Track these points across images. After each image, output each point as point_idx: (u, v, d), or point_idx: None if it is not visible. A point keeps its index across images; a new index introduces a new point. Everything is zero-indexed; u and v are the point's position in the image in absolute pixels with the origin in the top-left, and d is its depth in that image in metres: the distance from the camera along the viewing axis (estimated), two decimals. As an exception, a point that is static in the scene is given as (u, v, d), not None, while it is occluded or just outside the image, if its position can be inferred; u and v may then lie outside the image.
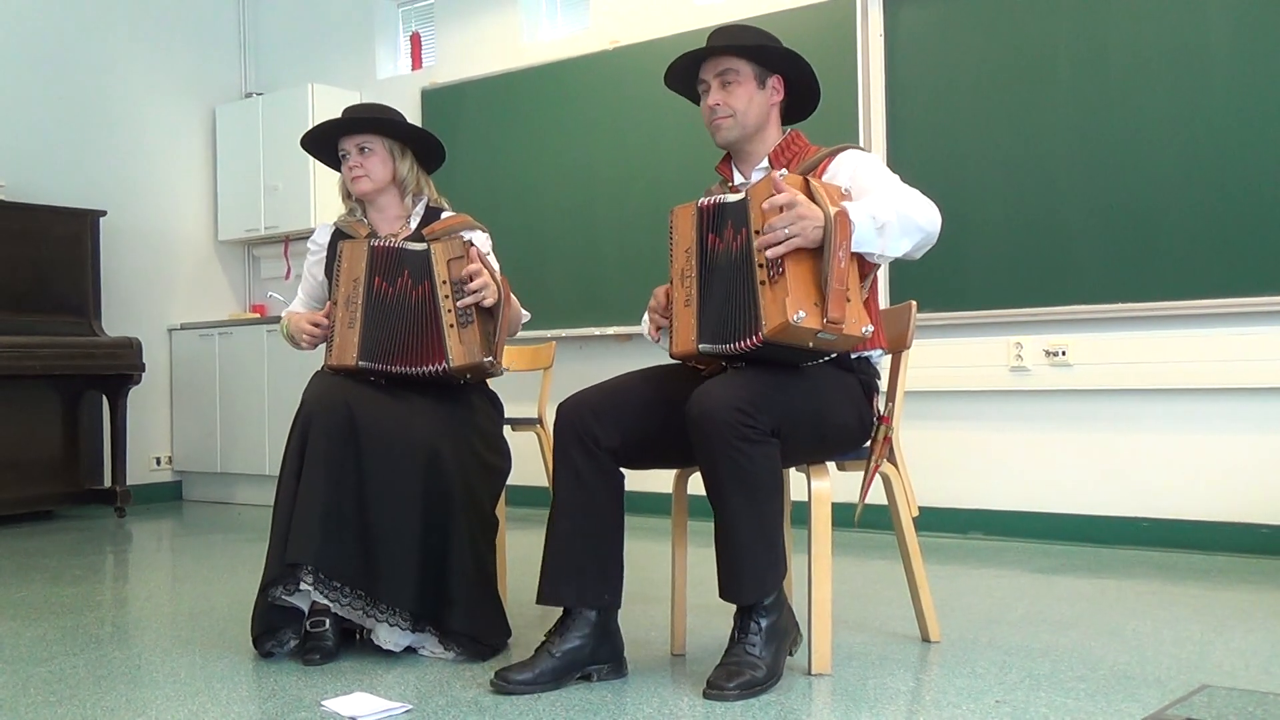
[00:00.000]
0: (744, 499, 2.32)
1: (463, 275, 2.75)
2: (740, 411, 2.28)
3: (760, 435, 2.30)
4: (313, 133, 3.03)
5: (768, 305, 2.27)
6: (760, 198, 2.32)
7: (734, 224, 2.37)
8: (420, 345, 2.76)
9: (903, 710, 2.26)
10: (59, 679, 2.59)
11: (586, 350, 5.58)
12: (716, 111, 2.60)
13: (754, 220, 2.32)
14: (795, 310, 2.22)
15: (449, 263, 2.78)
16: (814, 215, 2.26)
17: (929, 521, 4.43)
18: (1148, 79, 4.16)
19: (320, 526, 2.59)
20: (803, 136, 2.67)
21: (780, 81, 2.63)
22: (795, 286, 2.25)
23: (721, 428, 2.28)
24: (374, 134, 2.97)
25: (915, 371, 3.78)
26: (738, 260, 2.35)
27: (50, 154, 6.11)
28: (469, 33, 6.16)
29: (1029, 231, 4.38)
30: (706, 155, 2.80)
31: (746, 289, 2.32)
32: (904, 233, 2.37)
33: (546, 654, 2.41)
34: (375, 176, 2.98)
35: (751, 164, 2.65)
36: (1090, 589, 3.47)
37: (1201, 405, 4.13)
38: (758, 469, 2.31)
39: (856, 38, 4.73)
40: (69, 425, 5.88)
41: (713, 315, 2.39)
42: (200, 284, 6.83)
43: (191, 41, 6.79)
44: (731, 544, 2.35)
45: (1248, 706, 2.21)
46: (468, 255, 2.78)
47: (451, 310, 2.75)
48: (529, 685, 2.36)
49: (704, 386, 2.35)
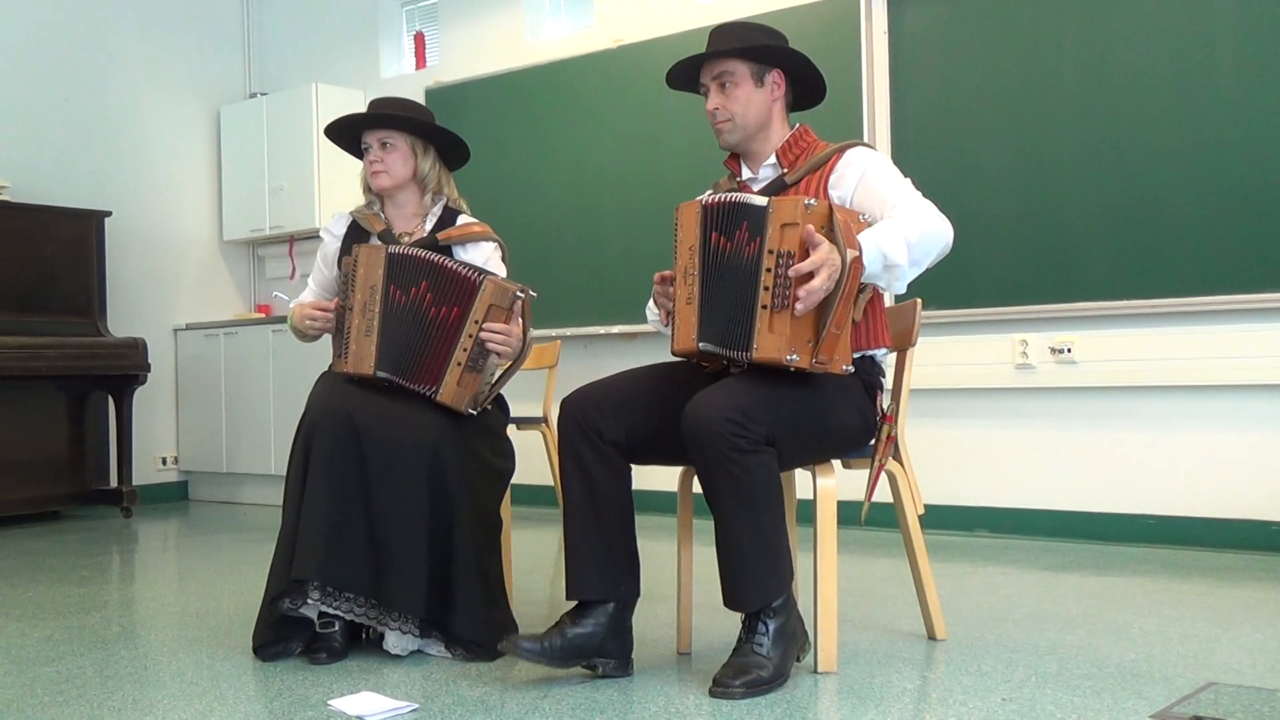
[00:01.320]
0: (742, 509, 2.32)
1: (497, 327, 2.73)
2: (732, 422, 2.28)
3: (754, 445, 2.30)
4: (337, 124, 3.00)
5: (763, 331, 2.28)
6: (783, 216, 2.30)
7: (749, 228, 2.34)
8: (421, 362, 2.74)
9: (909, 708, 2.25)
10: (66, 679, 2.59)
11: (591, 348, 5.58)
12: (716, 116, 2.60)
13: (770, 235, 2.30)
14: (789, 351, 2.27)
15: (491, 307, 2.73)
16: (835, 264, 2.25)
17: (934, 519, 4.43)
18: (1152, 77, 4.15)
19: (325, 541, 2.58)
20: (811, 132, 2.65)
21: (780, 76, 2.62)
22: (795, 326, 2.26)
23: (714, 439, 2.28)
24: (397, 130, 2.96)
25: (920, 369, 3.78)
26: (746, 269, 2.33)
27: (55, 155, 6.12)
28: (473, 32, 6.17)
29: (1034, 229, 4.38)
30: (711, 153, 2.80)
31: (747, 303, 2.31)
32: (914, 264, 2.38)
33: (559, 633, 2.42)
34: (395, 173, 2.96)
35: (759, 160, 2.64)
36: (1096, 586, 3.47)
37: (1208, 402, 4.13)
38: (754, 479, 2.31)
39: (861, 36, 4.72)
40: (75, 426, 5.89)
41: (714, 315, 2.38)
42: (205, 284, 6.84)
43: (196, 42, 6.80)
44: (732, 553, 2.35)
45: (1254, 704, 2.20)
46: (512, 311, 2.75)
47: (468, 350, 2.72)
48: (534, 655, 2.38)
49: (697, 397, 2.35)
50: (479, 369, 2.75)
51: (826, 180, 2.54)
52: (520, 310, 2.78)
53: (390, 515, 2.62)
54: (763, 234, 2.31)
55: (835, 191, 2.52)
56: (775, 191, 2.56)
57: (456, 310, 2.74)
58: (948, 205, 2.47)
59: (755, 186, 2.62)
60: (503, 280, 2.79)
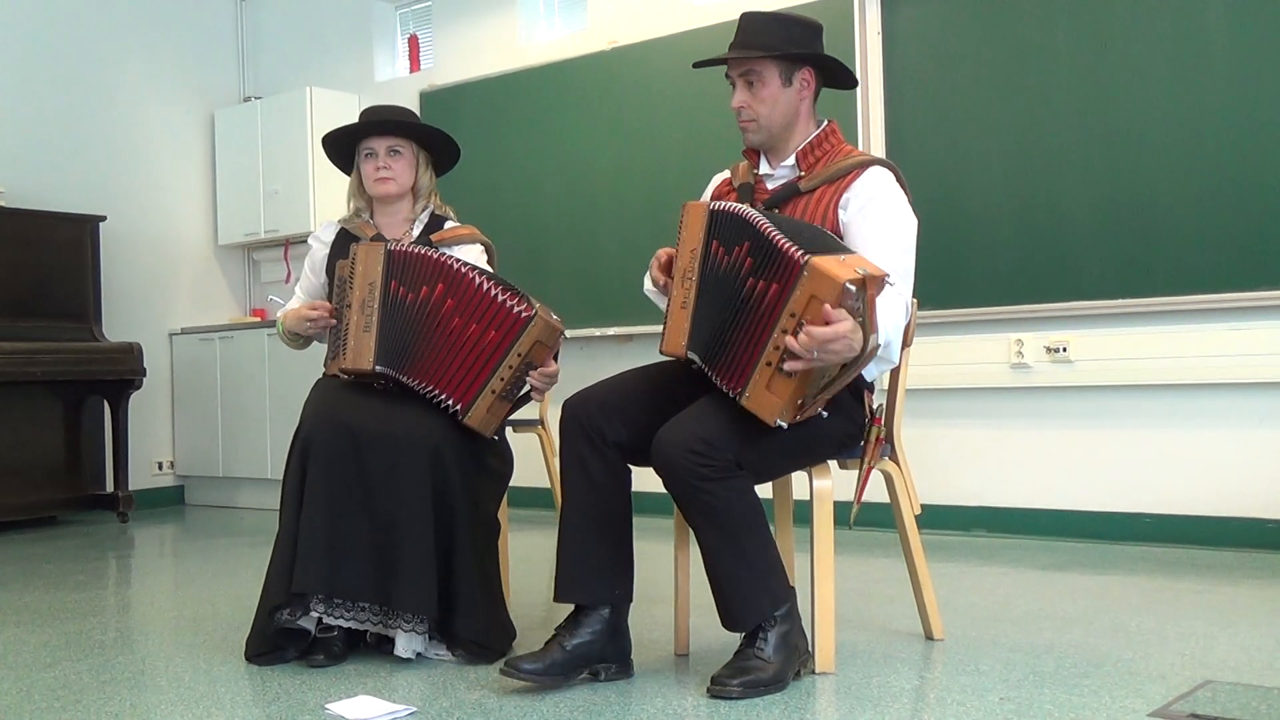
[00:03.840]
0: (720, 536, 2.32)
1: (541, 364, 2.68)
2: (694, 453, 2.27)
3: (720, 472, 2.28)
4: (348, 129, 2.97)
5: (759, 385, 2.23)
6: (819, 290, 2.13)
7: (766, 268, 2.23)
8: (449, 375, 2.68)
9: (906, 708, 2.25)
10: (63, 685, 2.58)
11: (588, 351, 5.58)
12: (742, 114, 2.56)
13: (795, 299, 2.15)
14: (778, 416, 2.23)
15: (536, 344, 2.65)
16: (850, 350, 2.14)
17: (931, 519, 4.43)
18: (1147, 74, 4.15)
19: (327, 553, 2.57)
20: (838, 131, 2.60)
21: (810, 73, 2.55)
22: (791, 393, 2.21)
23: (679, 471, 2.28)
24: (405, 138, 2.95)
25: (916, 369, 3.78)
26: (757, 311, 2.24)
27: (50, 159, 6.11)
28: (467, 34, 6.16)
29: (1029, 228, 4.38)
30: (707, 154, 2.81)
31: (751, 343, 2.25)
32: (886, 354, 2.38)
33: (558, 647, 2.41)
34: (402, 180, 2.96)
35: (780, 156, 2.60)
36: (1093, 585, 3.47)
37: (1204, 401, 4.13)
38: (725, 505, 2.30)
39: (855, 35, 4.72)
40: (71, 431, 5.88)
41: (705, 329, 2.36)
42: (201, 288, 6.84)
43: (190, 46, 6.79)
44: (720, 578, 2.36)
45: (1251, 701, 2.20)
46: (554, 347, 2.69)
47: (505, 380, 2.66)
48: (538, 675, 2.36)
49: (665, 427, 2.34)
50: (512, 399, 2.72)
51: (839, 198, 2.50)
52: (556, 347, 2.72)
53: (395, 517, 2.61)
54: (789, 291, 2.18)
55: (844, 213, 2.49)
56: (788, 197, 2.53)
57: (493, 334, 2.64)
58: (942, 205, 2.47)
59: (770, 184, 2.59)
60: (549, 316, 2.67)
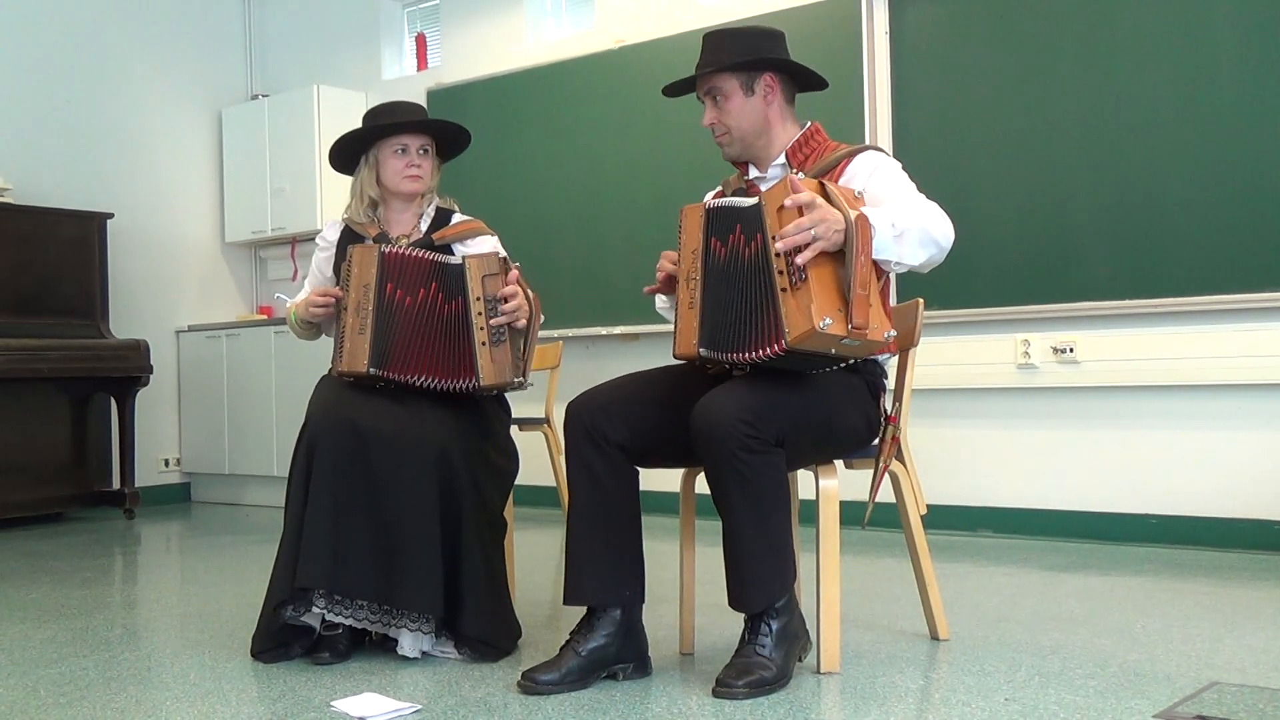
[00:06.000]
0: (749, 509, 2.32)
1: (498, 294, 2.73)
2: (745, 423, 2.27)
3: (764, 446, 2.29)
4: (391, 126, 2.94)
5: (790, 312, 2.22)
6: (776, 201, 2.28)
7: (745, 229, 2.32)
8: (450, 360, 2.73)
9: (912, 708, 2.25)
10: (69, 681, 2.59)
11: (593, 350, 5.58)
12: (715, 131, 2.61)
13: (770, 225, 2.27)
14: (821, 317, 2.18)
15: (484, 279, 2.74)
16: (834, 218, 2.21)
17: (937, 519, 4.43)
18: (1154, 76, 4.14)
19: (330, 549, 2.57)
20: (823, 131, 2.63)
21: (773, 78, 2.58)
22: (819, 292, 2.20)
23: (726, 439, 2.27)
24: (433, 137, 2.99)
25: (922, 370, 3.78)
26: (753, 266, 2.30)
27: (57, 157, 6.12)
28: (474, 33, 6.17)
29: (1036, 229, 4.37)
30: (713, 154, 2.79)
31: (767, 296, 2.26)
32: (920, 243, 2.33)
33: (572, 653, 2.40)
34: (428, 179, 3.00)
35: (767, 161, 2.62)
36: (1099, 586, 3.46)
37: (1210, 401, 4.12)
38: (763, 479, 2.30)
39: (862, 36, 4.72)
40: (77, 427, 5.89)
41: (713, 321, 2.36)
42: (207, 286, 6.85)
43: (197, 44, 6.80)
44: (739, 553, 2.35)
45: (1258, 703, 2.20)
46: (504, 274, 2.76)
47: (485, 328, 2.72)
48: (556, 686, 2.36)
49: (708, 397, 2.34)
50: (503, 339, 2.75)
51: (836, 182, 2.50)
52: (517, 278, 2.76)
53: (401, 518, 2.61)
54: (763, 229, 2.28)
55: None
56: None
57: (459, 300, 2.74)
58: (950, 205, 2.46)
59: (764, 186, 2.61)
60: (479, 254, 2.81)
